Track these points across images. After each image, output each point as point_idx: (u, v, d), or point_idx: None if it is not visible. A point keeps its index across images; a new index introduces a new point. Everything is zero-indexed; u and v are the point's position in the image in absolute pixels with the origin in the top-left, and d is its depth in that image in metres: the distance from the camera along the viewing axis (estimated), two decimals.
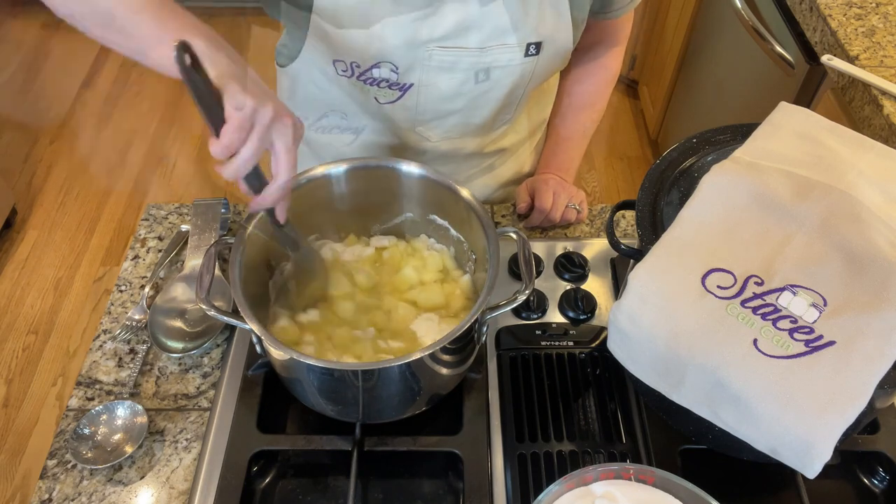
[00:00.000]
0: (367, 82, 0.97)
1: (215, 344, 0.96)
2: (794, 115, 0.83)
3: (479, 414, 0.87)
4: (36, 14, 3.42)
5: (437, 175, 0.90)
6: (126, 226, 2.57)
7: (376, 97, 0.99)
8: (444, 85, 0.97)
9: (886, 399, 0.79)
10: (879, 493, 0.84)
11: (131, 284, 1.03)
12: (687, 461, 0.83)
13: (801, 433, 0.65)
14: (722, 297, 0.69)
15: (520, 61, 0.96)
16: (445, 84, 0.97)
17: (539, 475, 0.83)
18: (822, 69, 1.48)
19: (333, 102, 1.07)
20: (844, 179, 0.74)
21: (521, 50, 0.94)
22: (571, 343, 0.95)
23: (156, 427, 0.88)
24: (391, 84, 0.97)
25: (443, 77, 0.96)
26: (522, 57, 0.95)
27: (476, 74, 0.96)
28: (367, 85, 0.97)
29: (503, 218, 1.14)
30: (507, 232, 0.87)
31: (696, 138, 0.89)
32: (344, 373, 0.76)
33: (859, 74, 1.29)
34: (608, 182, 2.73)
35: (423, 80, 0.96)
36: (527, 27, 0.92)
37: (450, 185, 0.89)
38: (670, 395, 0.73)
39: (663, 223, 0.79)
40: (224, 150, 0.67)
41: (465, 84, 0.97)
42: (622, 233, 1.09)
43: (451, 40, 0.92)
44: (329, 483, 0.85)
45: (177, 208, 1.14)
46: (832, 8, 1.46)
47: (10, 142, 2.83)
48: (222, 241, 0.86)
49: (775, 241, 0.72)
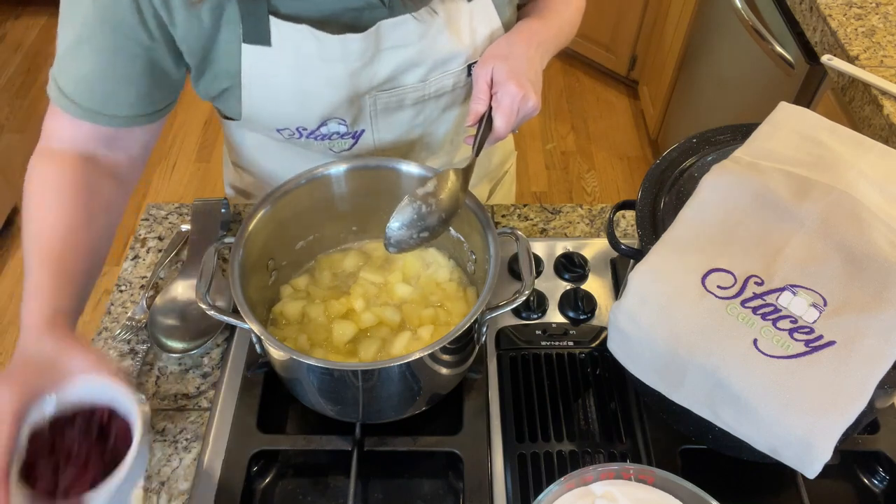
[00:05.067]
0: (317, 139, 0.95)
1: (215, 344, 0.96)
2: (794, 115, 0.83)
3: (479, 414, 0.87)
4: (36, 15, 3.42)
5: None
6: (126, 226, 2.56)
7: (331, 148, 0.97)
8: (395, 122, 0.95)
9: (886, 399, 0.79)
10: (879, 493, 0.84)
11: (131, 284, 1.03)
12: (687, 461, 0.83)
13: (801, 433, 0.65)
14: (722, 297, 0.69)
15: (464, 82, 0.94)
16: (396, 121, 0.95)
17: (539, 475, 0.83)
18: (822, 69, 1.48)
19: (285, 159, 1.03)
20: (844, 179, 0.74)
21: (464, 71, 0.92)
22: (571, 343, 0.95)
23: (156, 427, 0.88)
24: (342, 135, 0.95)
25: (391, 116, 0.94)
26: (466, 77, 0.93)
27: (425, 105, 0.95)
28: (319, 141, 0.95)
29: (503, 218, 1.14)
30: (507, 232, 0.87)
31: (696, 138, 0.89)
32: (344, 373, 0.76)
33: (859, 74, 1.29)
34: (608, 182, 2.73)
35: (374, 124, 0.95)
36: (463, 51, 0.90)
37: None
38: (670, 395, 0.73)
39: (663, 223, 0.79)
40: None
41: (416, 117, 0.96)
42: (622, 233, 1.09)
43: (391, 82, 0.89)
44: (329, 483, 0.85)
45: (177, 208, 1.14)
46: (832, 8, 1.46)
47: (10, 142, 2.83)
48: (222, 241, 0.86)
49: (775, 241, 0.72)
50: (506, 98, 0.83)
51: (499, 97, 0.84)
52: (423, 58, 0.88)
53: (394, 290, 0.93)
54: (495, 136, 0.85)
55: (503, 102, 0.83)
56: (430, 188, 0.82)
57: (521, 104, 0.83)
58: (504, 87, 0.83)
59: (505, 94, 0.83)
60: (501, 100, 0.84)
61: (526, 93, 0.83)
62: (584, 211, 1.14)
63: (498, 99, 0.84)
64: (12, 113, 2.95)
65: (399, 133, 0.98)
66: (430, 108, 0.96)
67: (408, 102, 0.93)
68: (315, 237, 0.96)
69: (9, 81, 3.09)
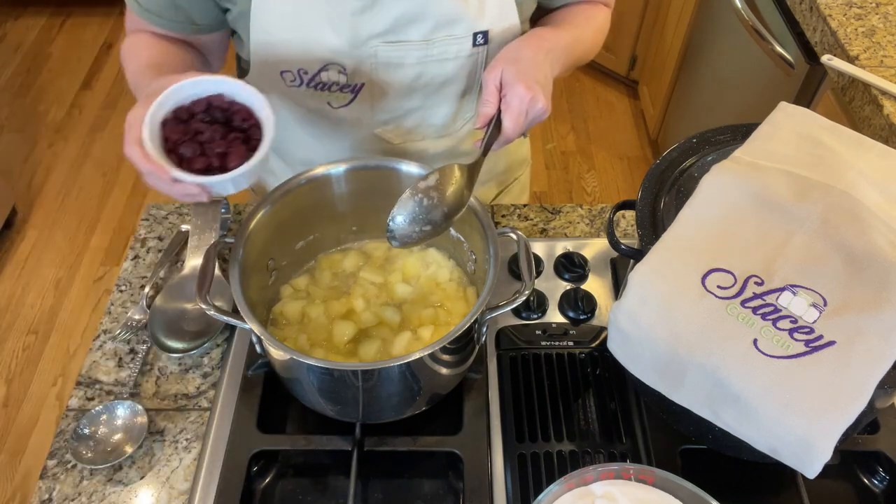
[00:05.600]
0: (317, 87, 0.96)
1: (215, 344, 0.96)
2: (794, 115, 0.83)
3: (479, 414, 0.87)
4: (36, 15, 3.42)
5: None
6: (126, 226, 2.57)
7: (329, 102, 0.98)
8: (396, 82, 0.96)
9: (886, 399, 0.79)
10: (879, 493, 0.84)
11: (131, 284, 1.03)
12: (687, 461, 0.83)
13: (801, 433, 0.65)
14: (722, 297, 0.69)
15: (468, 52, 0.94)
16: (396, 81, 0.96)
17: (539, 475, 0.83)
18: (822, 69, 1.48)
19: (289, 115, 1.05)
20: (844, 179, 0.74)
21: (469, 40, 0.93)
22: (571, 343, 0.95)
23: (156, 427, 0.88)
24: (342, 87, 0.96)
25: (392, 74, 0.94)
26: (471, 47, 0.94)
27: (426, 69, 0.95)
28: (318, 90, 0.96)
29: (503, 218, 1.14)
30: (507, 232, 0.87)
31: (696, 138, 0.89)
32: (344, 373, 0.76)
33: (859, 74, 1.29)
34: (608, 182, 2.73)
35: (374, 80, 0.95)
36: (470, 16, 0.91)
37: None
38: (670, 395, 0.73)
39: (663, 223, 0.79)
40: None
41: (416, 80, 0.96)
42: (622, 233, 1.09)
43: (394, 34, 0.90)
44: (329, 483, 0.85)
45: (177, 208, 1.14)
46: (832, 8, 1.46)
47: (10, 142, 2.83)
48: (222, 241, 0.86)
49: (775, 241, 0.72)
50: (514, 100, 0.83)
51: (507, 99, 0.84)
52: (425, 12, 0.89)
53: (394, 290, 0.93)
54: (504, 138, 0.85)
55: (512, 104, 0.83)
56: (432, 182, 0.82)
57: (529, 105, 0.83)
58: (512, 89, 0.83)
59: (513, 96, 0.83)
60: (510, 101, 0.84)
61: (534, 94, 0.83)
62: (584, 211, 1.14)
63: (507, 101, 0.84)
64: (12, 113, 2.95)
65: (397, 96, 0.98)
66: (430, 74, 0.96)
67: (409, 61, 0.93)
68: (315, 237, 0.96)
69: (9, 81, 3.09)
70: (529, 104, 0.83)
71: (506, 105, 0.84)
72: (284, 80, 0.95)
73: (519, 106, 0.83)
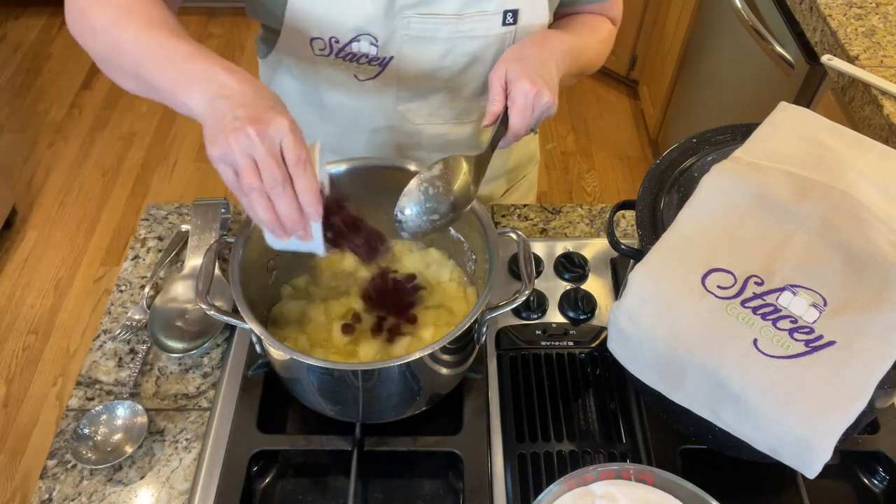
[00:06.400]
0: (346, 58, 0.96)
1: (215, 344, 0.96)
2: (794, 115, 0.83)
3: (479, 414, 0.87)
4: (36, 15, 3.42)
5: None
6: (126, 226, 2.57)
7: (356, 74, 0.98)
8: (424, 57, 0.96)
9: (886, 399, 0.79)
10: (879, 493, 0.84)
11: (131, 284, 1.03)
12: (687, 461, 0.83)
13: (801, 433, 0.65)
14: (722, 297, 0.69)
15: (497, 31, 0.95)
16: (425, 56, 0.96)
17: (539, 475, 0.83)
18: (822, 69, 1.48)
19: (309, 91, 1.05)
20: (844, 179, 0.74)
21: (499, 17, 0.93)
22: (571, 343, 0.95)
23: (156, 427, 0.88)
24: (370, 59, 0.95)
25: (422, 48, 0.95)
26: (500, 26, 0.94)
27: (455, 45, 0.95)
28: (347, 62, 0.96)
29: (503, 218, 1.14)
30: (507, 232, 0.87)
31: (696, 138, 0.89)
32: (344, 373, 0.76)
33: (859, 74, 1.29)
34: (608, 182, 2.74)
35: (403, 53, 0.95)
36: None
37: None
38: (670, 395, 0.73)
39: (663, 223, 0.79)
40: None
41: (444, 57, 0.96)
42: (622, 233, 1.09)
43: (427, 6, 0.90)
44: (329, 483, 0.85)
45: (177, 208, 1.14)
46: (832, 8, 1.46)
47: (9, 142, 2.83)
48: (222, 241, 0.87)
49: (775, 241, 0.72)
50: (519, 95, 0.84)
51: (513, 95, 0.85)
52: None
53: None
54: (513, 134, 0.86)
55: (517, 100, 0.84)
56: (437, 171, 0.82)
57: (535, 100, 0.84)
58: (517, 85, 0.84)
59: (518, 92, 0.84)
60: (516, 97, 0.85)
61: (539, 89, 0.84)
62: (584, 211, 1.14)
63: (512, 97, 0.85)
64: (12, 113, 2.95)
65: (423, 72, 0.98)
66: (458, 51, 0.96)
67: (440, 35, 0.93)
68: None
69: (9, 81, 3.09)
70: (535, 99, 0.84)
71: (511, 101, 0.85)
72: (314, 49, 0.95)
73: (524, 101, 0.84)
